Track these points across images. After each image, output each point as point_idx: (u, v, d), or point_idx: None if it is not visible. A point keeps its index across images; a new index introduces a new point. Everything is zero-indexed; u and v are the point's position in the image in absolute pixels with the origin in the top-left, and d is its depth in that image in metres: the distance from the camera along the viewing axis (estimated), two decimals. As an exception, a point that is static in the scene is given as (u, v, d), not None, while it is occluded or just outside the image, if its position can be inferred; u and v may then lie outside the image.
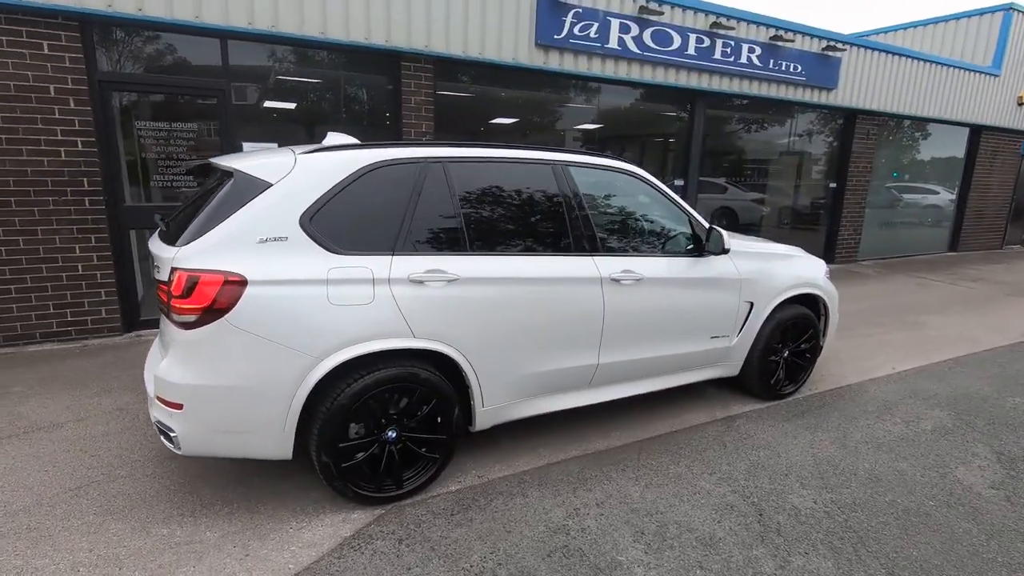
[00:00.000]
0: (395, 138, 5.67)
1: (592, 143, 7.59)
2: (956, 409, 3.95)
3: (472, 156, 2.84)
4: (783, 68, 7.90)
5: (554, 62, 6.21)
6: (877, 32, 13.43)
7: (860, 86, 8.91)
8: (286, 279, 2.35)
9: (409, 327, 2.54)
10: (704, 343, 3.54)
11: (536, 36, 6.00)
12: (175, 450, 2.40)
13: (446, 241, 2.70)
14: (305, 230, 2.42)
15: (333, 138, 2.95)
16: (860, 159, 9.60)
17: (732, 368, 3.80)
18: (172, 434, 2.35)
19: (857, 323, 6.11)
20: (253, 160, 2.50)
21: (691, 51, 7.04)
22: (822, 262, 4.17)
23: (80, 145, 4.47)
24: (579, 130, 7.46)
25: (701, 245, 3.43)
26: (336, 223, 2.48)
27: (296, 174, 2.46)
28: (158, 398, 2.36)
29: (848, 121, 9.44)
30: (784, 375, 3.99)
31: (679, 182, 8.00)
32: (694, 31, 6.98)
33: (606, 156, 3.30)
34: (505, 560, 2.32)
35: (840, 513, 2.71)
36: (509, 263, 2.80)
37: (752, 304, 3.67)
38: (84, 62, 4.38)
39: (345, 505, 2.65)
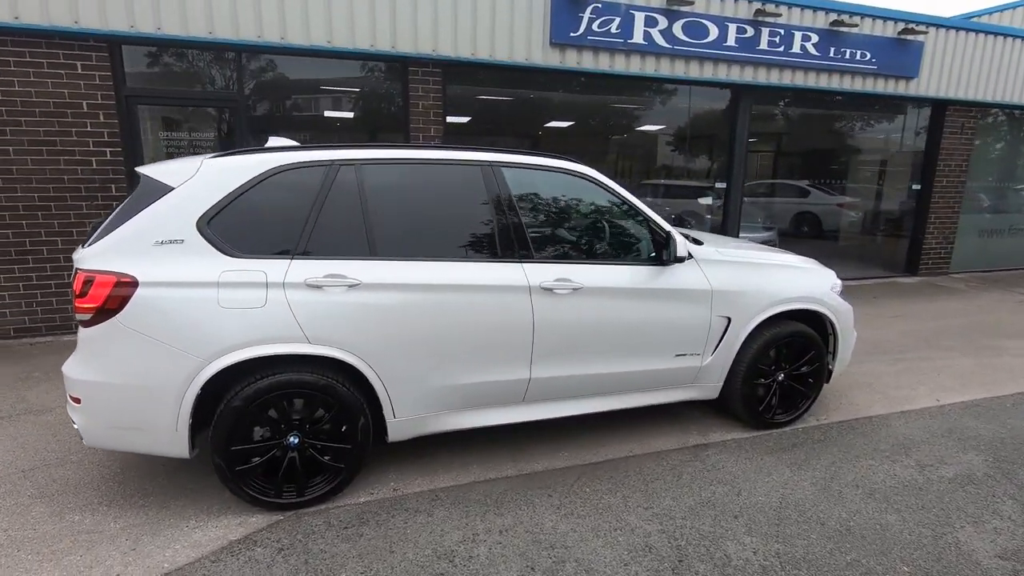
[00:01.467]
0: (404, 142, 5.71)
1: (620, 143, 7.25)
2: (997, 455, 3.27)
3: (389, 158, 2.75)
4: (847, 56, 7.07)
5: (571, 61, 5.97)
6: (973, 15, 11.72)
7: (949, 73, 7.77)
8: (177, 281, 2.38)
9: (304, 332, 2.49)
10: (666, 361, 3.19)
11: (551, 35, 5.80)
12: (82, 441, 2.51)
13: (351, 245, 2.62)
14: (202, 233, 2.45)
15: (273, 142, 2.99)
16: (951, 157, 8.38)
17: (709, 391, 3.39)
18: (75, 426, 2.47)
19: (915, 345, 5.30)
20: (162, 166, 2.57)
21: (731, 42, 6.50)
22: (830, 275, 3.63)
23: (109, 155, 4.91)
24: (611, 129, 7.15)
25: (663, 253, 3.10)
26: (235, 226, 2.49)
27: (198, 178, 2.49)
28: (68, 391, 2.49)
29: (936, 114, 8.27)
30: (778, 402, 3.51)
31: (721, 185, 7.41)
32: (734, 20, 6.43)
33: (554, 156, 3.07)
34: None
35: (779, 569, 2.31)
36: (418, 269, 2.67)
37: (729, 320, 3.26)
38: (112, 79, 4.81)
39: (249, 508, 2.65)
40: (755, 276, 3.31)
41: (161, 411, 2.41)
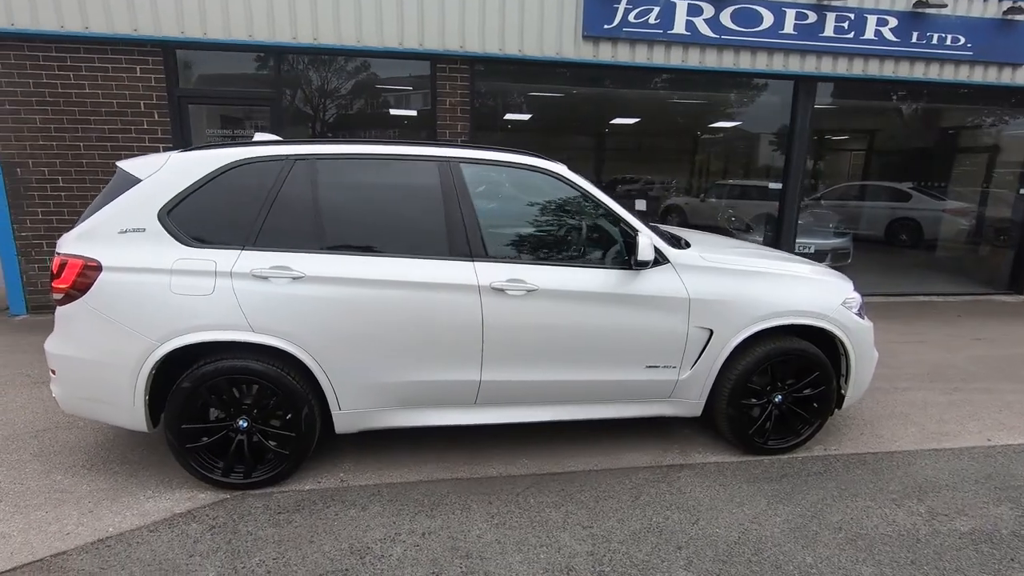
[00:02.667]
0: (431, 139, 5.78)
1: (689, 141, 6.88)
2: (1037, 510, 2.74)
3: (343, 153, 2.77)
4: (934, 42, 6.23)
5: (605, 54, 5.75)
6: None
7: (1071, 58, 6.63)
8: (136, 267, 2.55)
9: (248, 321, 2.58)
10: (636, 372, 2.98)
11: (583, 27, 5.61)
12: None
13: (300, 238, 2.68)
14: (162, 223, 2.61)
15: (258, 137, 3.13)
16: (1073, 156, 7.15)
17: (690, 408, 3.13)
18: (53, 395, 2.73)
19: (985, 374, 4.59)
20: (137, 160, 2.76)
21: (789, 30, 5.94)
22: (844, 287, 3.20)
23: (162, 150, 5.38)
24: (639, 124, 6.81)
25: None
26: (192, 217, 2.63)
27: (163, 171, 2.66)
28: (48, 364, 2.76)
29: (1054, 106, 7.10)
30: (773, 426, 3.17)
31: (775, 186, 6.82)
32: (792, 6, 5.87)
33: (522, 153, 2.96)
34: (277, 570, 2.23)
35: (703, 612, 2.07)
36: (363, 264, 2.67)
37: (711, 332, 2.98)
38: (165, 81, 5.27)
39: (203, 486, 2.79)
40: (744, 285, 3.00)
41: (121, 386, 2.59)
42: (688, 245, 3.17)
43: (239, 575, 2.20)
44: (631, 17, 5.63)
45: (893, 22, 6.10)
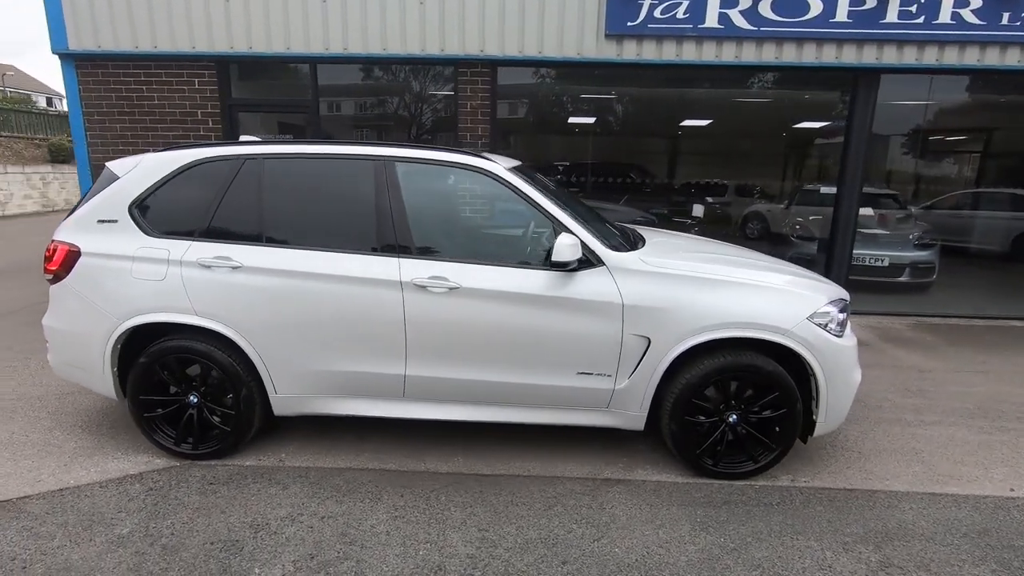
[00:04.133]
0: (454, 142, 5.91)
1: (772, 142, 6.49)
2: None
3: (288, 152, 2.95)
4: (1034, 23, 5.33)
5: (629, 53, 5.55)
6: None
7: None
8: (107, 254, 2.90)
9: (192, 305, 2.83)
10: (568, 379, 2.87)
11: (605, 26, 5.46)
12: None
13: (243, 231, 2.89)
14: (131, 215, 2.94)
15: (243, 139, 3.42)
16: None
17: (631, 420, 2.95)
18: (48, 361, 3.16)
19: (1045, 412, 3.86)
20: (121, 160, 3.13)
21: (842, 17, 5.37)
22: (816, 301, 2.84)
23: (214, 154, 6.00)
24: (689, 126, 6.46)
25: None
26: (155, 210, 2.94)
27: (136, 170, 2.99)
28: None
29: None
30: (725, 448, 2.90)
31: (828, 190, 6.17)
32: (845, -9, 5.30)
33: (460, 152, 2.97)
34: (179, 533, 2.43)
35: (552, 630, 1.97)
36: (297, 257, 2.83)
37: (649, 340, 2.79)
38: (218, 91, 5.87)
39: (159, 452, 3.08)
40: (689, 293, 2.78)
41: (93, 357, 2.96)
42: (636, 245, 3.00)
43: (147, 533, 2.43)
44: (657, 13, 5.39)
45: (976, 3, 5.30)
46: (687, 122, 6.99)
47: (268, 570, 2.23)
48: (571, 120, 6.88)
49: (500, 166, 2.93)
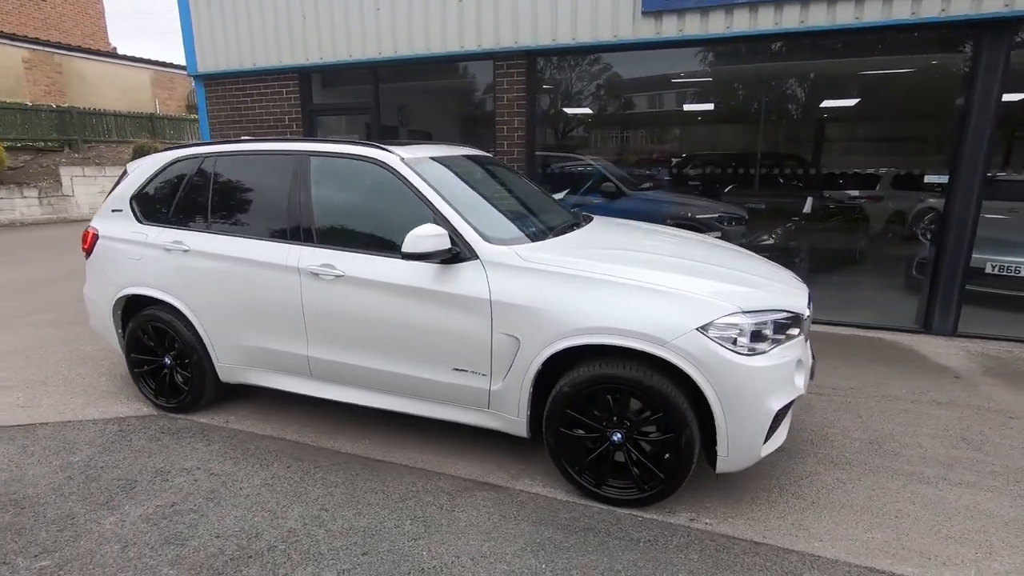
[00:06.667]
0: (491, 137, 5.95)
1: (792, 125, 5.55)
2: None
3: (234, 151, 3.33)
4: None
5: (671, 30, 5.01)
6: None
7: None
8: (115, 237, 3.58)
9: (158, 281, 3.38)
10: (444, 374, 2.80)
11: (642, 2, 5.01)
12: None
13: (194, 219, 3.35)
14: (131, 205, 3.59)
15: (243, 140, 3.96)
16: None
17: (512, 424, 2.77)
18: (89, 321, 4.00)
19: None
20: (136, 160, 3.81)
21: (950, -42, 4.20)
22: (715, 308, 2.34)
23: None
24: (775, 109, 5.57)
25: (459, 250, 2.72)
26: (145, 201, 3.55)
27: (140, 167, 3.64)
28: (90, 300, 4.03)
29: None
30: (610, 469, 2.58)
31: (937, 178, 4.86)
32: (953, -77, 4.13)
33: (363, 144, 3.08)
34: (109, 468, 2.94)
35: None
36: (227, 242, 3.19)
37: (519, 341, 2.60)
38: (300, 99, 6.69)
39: (151, 403, 3.71)
40: (566, 292, 2.51)
41: (107, 319, 3.69)
42: (556, 233, 2.82)
43: (87, 464, 2.99)
44: (700, -19, 4.79)
45: None
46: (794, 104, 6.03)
47: (134, 508, 2.61)
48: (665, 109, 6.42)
49: (396, 156, 2.96)
